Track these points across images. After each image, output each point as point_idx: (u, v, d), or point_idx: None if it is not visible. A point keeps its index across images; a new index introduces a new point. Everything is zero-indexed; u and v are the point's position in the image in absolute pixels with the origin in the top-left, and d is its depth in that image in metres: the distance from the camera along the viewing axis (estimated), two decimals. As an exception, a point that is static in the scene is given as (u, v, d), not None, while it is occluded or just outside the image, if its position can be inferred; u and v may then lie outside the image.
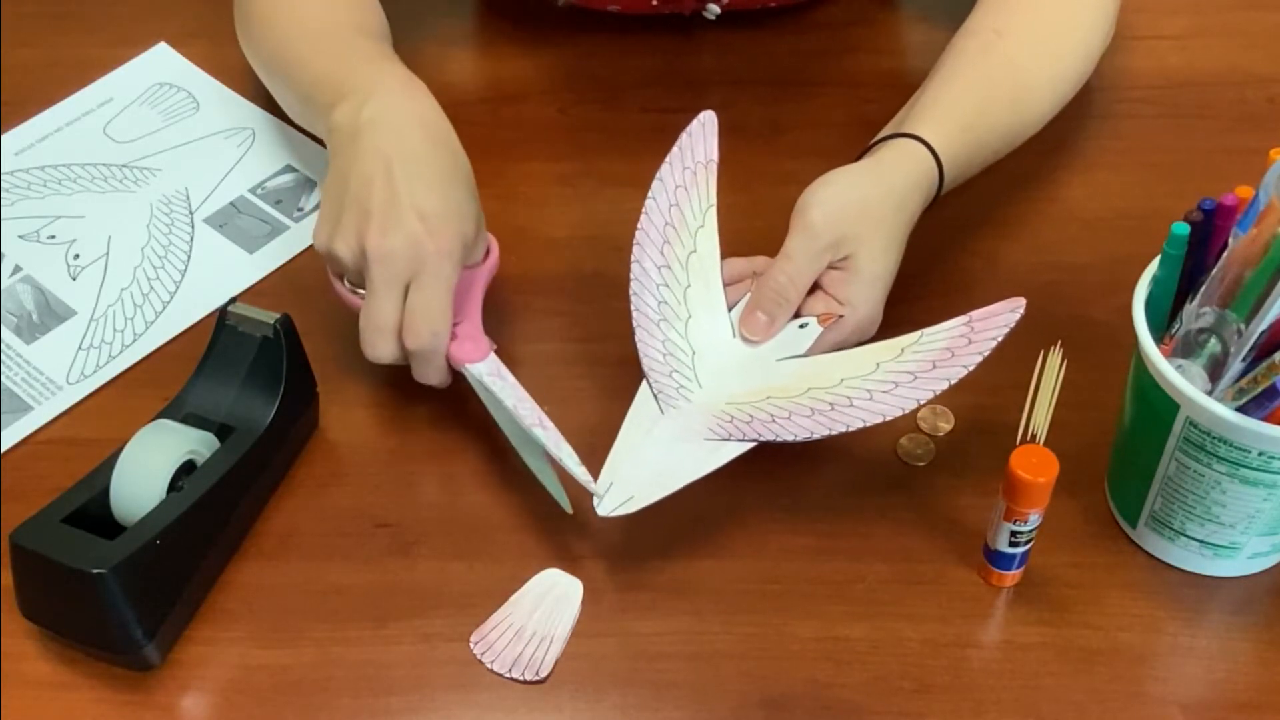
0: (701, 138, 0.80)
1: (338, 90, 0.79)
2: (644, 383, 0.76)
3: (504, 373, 0.77)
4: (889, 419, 0.70)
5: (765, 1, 1.03)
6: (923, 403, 0.71)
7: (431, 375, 0.77)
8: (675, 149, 0.80)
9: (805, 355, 0.76)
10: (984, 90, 0.84)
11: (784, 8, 1.05)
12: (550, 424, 0.74)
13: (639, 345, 0.76)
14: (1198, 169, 0.94)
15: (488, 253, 0.81)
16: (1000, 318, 0.71)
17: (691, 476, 0.72)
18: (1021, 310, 0.71)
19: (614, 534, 0.76)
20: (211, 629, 0.73)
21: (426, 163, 0.75)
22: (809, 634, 0.72)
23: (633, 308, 0.77)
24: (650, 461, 0.73)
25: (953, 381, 0.70)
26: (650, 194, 0.79)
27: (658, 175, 0.79)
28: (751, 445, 0.72)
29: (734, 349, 0.77)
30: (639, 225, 0.78)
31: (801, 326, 0.76)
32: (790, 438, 0.71)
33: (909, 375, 0.71)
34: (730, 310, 0.79)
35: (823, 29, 1.05)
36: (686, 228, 0.79)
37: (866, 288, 0.76)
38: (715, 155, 0.80)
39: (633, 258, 0.78)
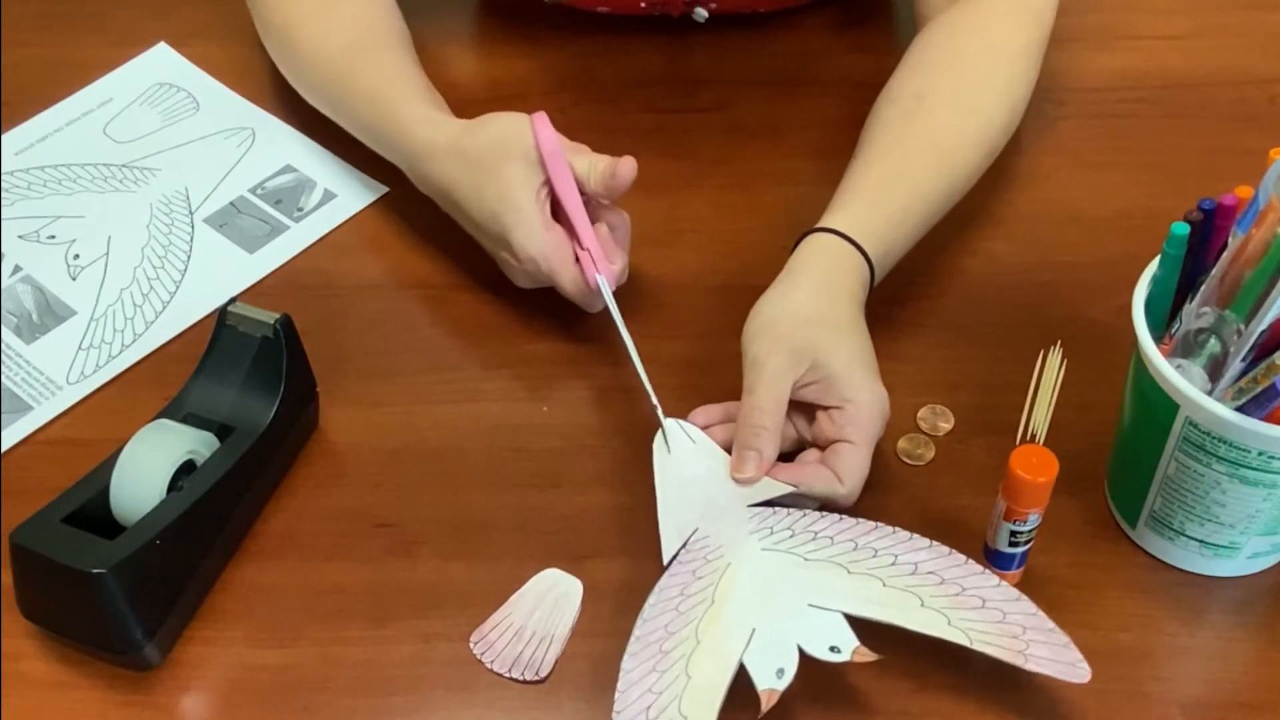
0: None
1: (393, 152, 0.89)
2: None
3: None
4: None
5: (755, 6, 1.03)
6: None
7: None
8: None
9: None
10: (905, 159, 0.84)
11: (774, 12, 1.04)
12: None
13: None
14: (1198, 169, 0.94)
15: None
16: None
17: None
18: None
19: (614, 534, 0.76)
20: (211, 629, 0.73)
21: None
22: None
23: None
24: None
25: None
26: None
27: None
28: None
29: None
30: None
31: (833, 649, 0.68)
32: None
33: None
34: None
35: (821, 29, 1.05)
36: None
37: (848, 377, 0.73)
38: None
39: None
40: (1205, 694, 0.70)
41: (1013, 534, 0.71)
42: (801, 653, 0.66)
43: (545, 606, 0.73)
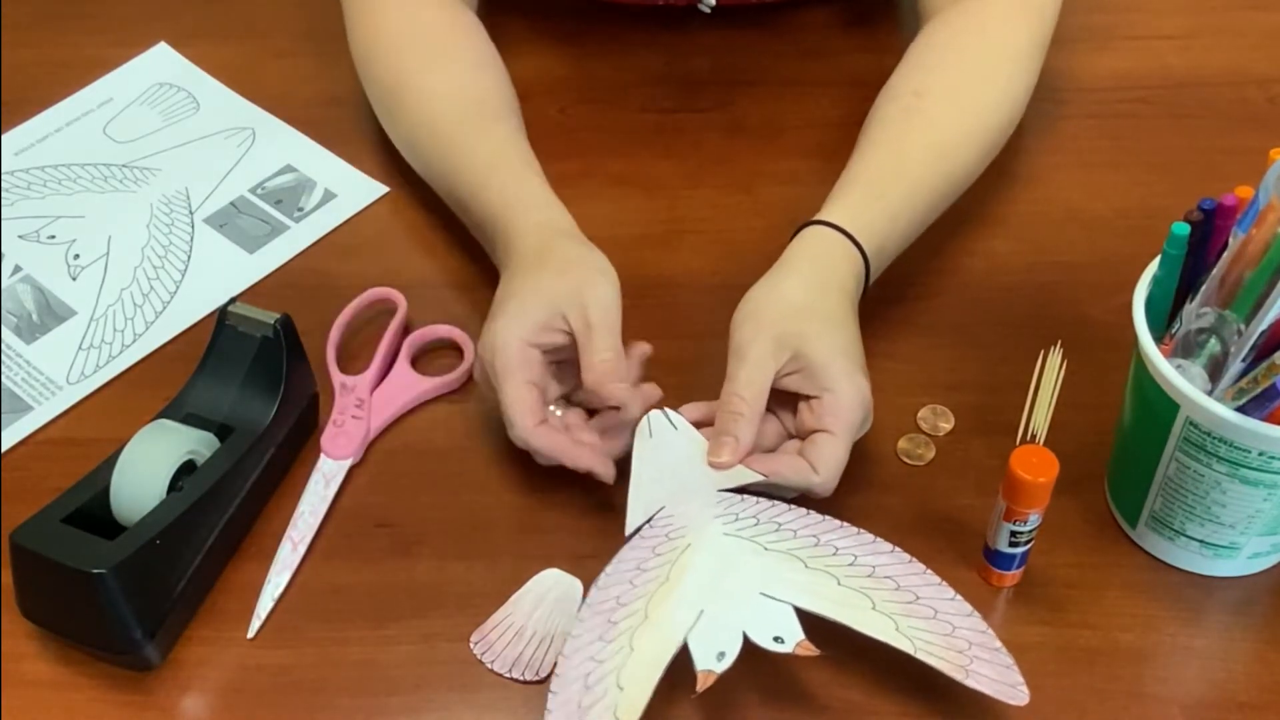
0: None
1: (484, 233, 0.85)
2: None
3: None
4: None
5: None
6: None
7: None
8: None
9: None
10: (903, 156, 0.83)
11: (779, 4, 1.04)
12: None
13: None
14: (1198, 169, 0.94)
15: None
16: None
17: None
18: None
19: (614, 534, 0.76)
20: (211, 629, 0.73)
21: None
22: (809, 633, 0.72)
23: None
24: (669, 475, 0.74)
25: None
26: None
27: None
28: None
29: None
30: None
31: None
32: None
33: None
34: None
35: (823, 29, 1.05)
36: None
37: (828, 367, 0.73)
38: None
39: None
40: (1205, 694, 0.70)
41: (1013, 534, 0.71)
42: (746, 640, 0.66)
43: (545, 606, 0.73)
